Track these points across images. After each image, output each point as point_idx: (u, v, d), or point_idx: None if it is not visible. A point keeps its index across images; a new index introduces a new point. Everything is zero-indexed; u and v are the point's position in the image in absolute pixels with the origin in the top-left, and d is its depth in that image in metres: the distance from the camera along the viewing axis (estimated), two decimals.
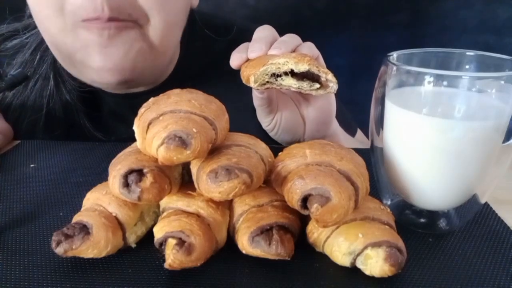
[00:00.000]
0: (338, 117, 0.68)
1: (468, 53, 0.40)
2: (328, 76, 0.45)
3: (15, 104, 0.67)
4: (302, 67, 0.44)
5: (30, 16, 0.71)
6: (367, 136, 0.70)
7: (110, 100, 0.69)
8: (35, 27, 0.68)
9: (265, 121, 0.58)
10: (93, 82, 0.61)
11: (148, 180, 0.35)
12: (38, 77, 0.65)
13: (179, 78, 0.69)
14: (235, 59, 0.49)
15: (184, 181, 0.41)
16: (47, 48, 0.66)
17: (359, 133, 0.79)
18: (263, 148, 0.40)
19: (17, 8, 0.72)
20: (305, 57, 0.45)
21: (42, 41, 0.66)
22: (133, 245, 0.39)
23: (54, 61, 0.65)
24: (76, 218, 0.37)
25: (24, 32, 0.69)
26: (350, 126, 0.75)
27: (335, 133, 0.63)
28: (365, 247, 0.34)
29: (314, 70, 0.44)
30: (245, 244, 0.36)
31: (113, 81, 0.59)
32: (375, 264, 0.34)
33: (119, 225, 0.38)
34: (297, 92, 0.56)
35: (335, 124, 0.63)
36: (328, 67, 0.47)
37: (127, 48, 0.57)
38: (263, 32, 0.51)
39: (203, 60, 0.70)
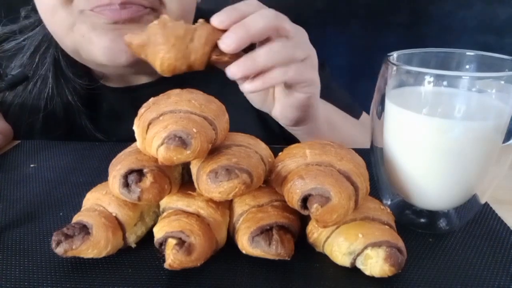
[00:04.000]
0: (336, 102, 0.68)
1: (468, 53, 0.40)
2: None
3: (15, 105, 0.67)
4: None
5: (26, 17, 0.71)
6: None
7: (111, 96, 0.69)
8: (33, 29, 0.68)
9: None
10: (106, 63, 0.60)
11: (148, 180, 0.35)
12: (37, 79, 0.65)
13: (180, 76, 0.69)
14: None
15: (184, 181, 0.41)
16: (45, 50, 0.66)
17: (365, 115, 0.78)
18: (263, 148, 0.40)
19: (12, 9, 0.72)
20: None
21: (40, 44, 0.66)
22: (133, 245, 0.39)
23: (55, 61, 0.65)
24: (76, 218, 0.37)
25: (22, 34, 0.69)
26: (352, 109, 0.74)
27: (316, 127, 0.61)
28: (365, 247, 0.34)
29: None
30: (245, 244, 0.36)
31: (126, 59, 0.58)
32: (375, 264, 0.34)
33: (119, 225, 0.38)
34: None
35: (316, 120, 0.60)
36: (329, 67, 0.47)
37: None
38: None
39: None
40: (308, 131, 0.60)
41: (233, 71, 0.44)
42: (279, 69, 0.46)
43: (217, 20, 0.43)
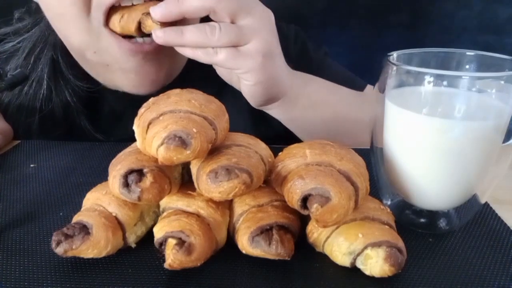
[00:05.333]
0: (334, 79, 0.66)
1: (468, 53, 0.40)
2: None
3: (12, 106, 0.67)
4: None
5: (19, 19, 0.71)
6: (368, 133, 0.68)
7: (111, 97, 0.69)
8: (27, 31, 0.68)
9: None
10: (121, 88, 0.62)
11: (148, 180, 0.35)
12: (33, 80, 0.65)
13: (179, 77, 0.69)
14: None
15: (184, 181, 0.41)
16: (40, 51, 0.66)
17: (369, 87, 0.76)
18: (263, 148, 0.40)
19: (6, 11, 0.72)
20: None
21: (35, 46, 0.66)
22: (133, 245, 0.39)
23: (53, 62, 0.65)
24: (76, 218, 0.37)
25: (17, 36, 0.69)
26: (354, 83, 0.72)
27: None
28: (365, 247, 0.34)
29: None
30: (245, 244, 0.36)
31: (148, 93, 0.60)
32: (375, 264, 0.34)
33: (119, 225, 0.38)
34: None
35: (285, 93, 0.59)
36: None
37: (161, 62, 0.58)
38: None
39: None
40: (279, 114, 0.60)
41: (158, 34, 0.47)
42: (205, 51, 0.47)
43: None
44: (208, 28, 0.46)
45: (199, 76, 0.66)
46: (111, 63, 0.58)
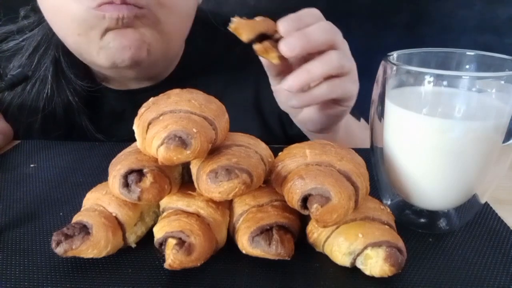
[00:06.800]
0: None
1: (468, 53, 0.40)
2: None
3: (14, 105, 0.67)
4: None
5: (25, 17, 0.71)
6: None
7: (112, 97, 0.69)
8: (31, 29, 0.68)
9: (273, 82, 0.57)
10: (107, 65, 0.60)
11: (148, 180, 0.35)
12: (36, 79, 0.65)
13: (181, 75, 0.69)
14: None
15: (184, 181, 0.41)
16: (44, 51, 0.66)
17: (362, 121, 0.78)
18: (263, 148, 0.40)
19: (11, 9, 0.72)
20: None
21: (39, 45, 0.66)
22: (133, 245, 0.39)
23: (56, 61, 0.65)
24: (76, 218, 0.37)
25: (20, 34, 0.69)
26: (353, 113, 0.74)
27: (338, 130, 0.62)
28: (365, 247, 0.34)
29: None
30: (245, 244, 0.36)
31: (128, 58, 0.58)
32: (375, 264, 0.34)
33: (119, 225, 0.38)
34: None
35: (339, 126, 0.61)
36: None
37: (142, 32, 0.57)
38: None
39: (204, 58, 0.70)
40: (328, 137, 0.60)
41: (291, 84, 0.46)
42: (327, 86, 0.47)
43: (282, 27, 0.45)
44: (329, 57, 0.46)
45: (200, 76, 0.66)
46: (95, 38, 0.56)
